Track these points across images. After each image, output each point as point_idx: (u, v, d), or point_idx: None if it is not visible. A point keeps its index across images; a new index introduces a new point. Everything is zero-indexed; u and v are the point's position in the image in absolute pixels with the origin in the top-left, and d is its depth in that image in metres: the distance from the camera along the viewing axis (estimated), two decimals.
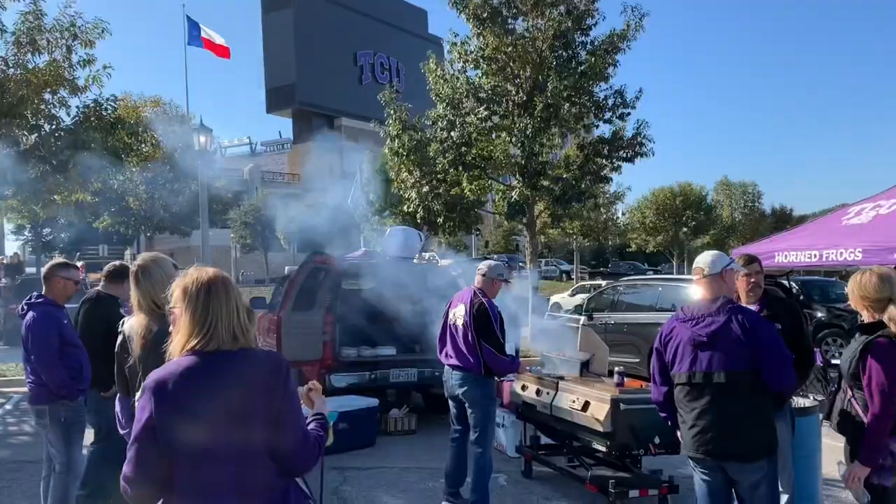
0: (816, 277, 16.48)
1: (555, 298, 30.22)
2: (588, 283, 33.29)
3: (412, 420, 8.15)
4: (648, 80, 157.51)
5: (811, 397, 8.22)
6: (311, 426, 2.45)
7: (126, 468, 2.13)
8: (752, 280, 4.64)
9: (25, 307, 4.61)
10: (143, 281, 3.23)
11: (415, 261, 9.01)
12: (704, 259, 3.88)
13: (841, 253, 7.81)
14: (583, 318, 6.70)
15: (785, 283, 10.93)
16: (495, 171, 16.31)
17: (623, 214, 48.64)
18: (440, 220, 16.17)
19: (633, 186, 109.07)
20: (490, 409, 5.49)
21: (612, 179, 15.66)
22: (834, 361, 8.36)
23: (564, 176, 15.58)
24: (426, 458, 7.09)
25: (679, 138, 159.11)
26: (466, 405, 5.46)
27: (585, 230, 35.95)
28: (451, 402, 5.69)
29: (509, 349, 5.54)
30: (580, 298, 24.39)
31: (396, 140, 15.91)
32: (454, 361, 5.47)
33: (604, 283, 24.31)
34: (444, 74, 15.58)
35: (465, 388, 5.41)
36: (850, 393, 3.65)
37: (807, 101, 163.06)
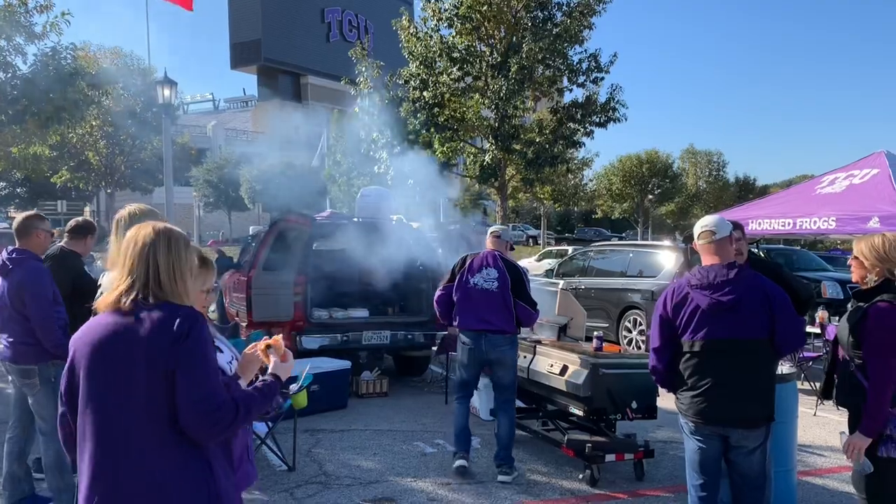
0: (780, 246, 16.68)
1: (522, 263, 30.30)
2: (554, 248, 33.46)
3: (384, 383, 8.07)
4: (620, 44, 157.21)
5: (788, 364, 8.36)
6: (255, 386, 2.30)
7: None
8: (734, 245, 4.59)
9: (8, 263, 4.31)
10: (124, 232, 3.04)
11: (390, 222, 8.85)
12: (712, 221, 3.72)
13: (815, 221, 7.87)
14: (562, 283, 6.61)
15: (755, 250, 11.12)
16: (467, 133, 16.13)
17: (591, 181, 48.80)
18: (410, 181, 15.93)
19: (602, 153, 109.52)
20: (517, 369, 5.54)
21: (584, 144, 15.67)
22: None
23: (537, 140, 15.48)
24: (398, 420, 7.04)
25: (649, 105, 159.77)
26: (498, 367, 5.39)
27: (556, 195, 35.93)
28: (466, 367, 5.49)
29: None
30: (547, 263, 24.49)
31: (367, 99, 15.60)
32: (490, 325, 5.33)
33: (570, 248, 24.38)
34: (416, 32, 15.25)
35: (501, 350, 5.34)
36: (852, 364, 3.58)
37: (774, 72, 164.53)
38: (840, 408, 3.72)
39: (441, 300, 5.58)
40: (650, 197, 45.26)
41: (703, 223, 3.79)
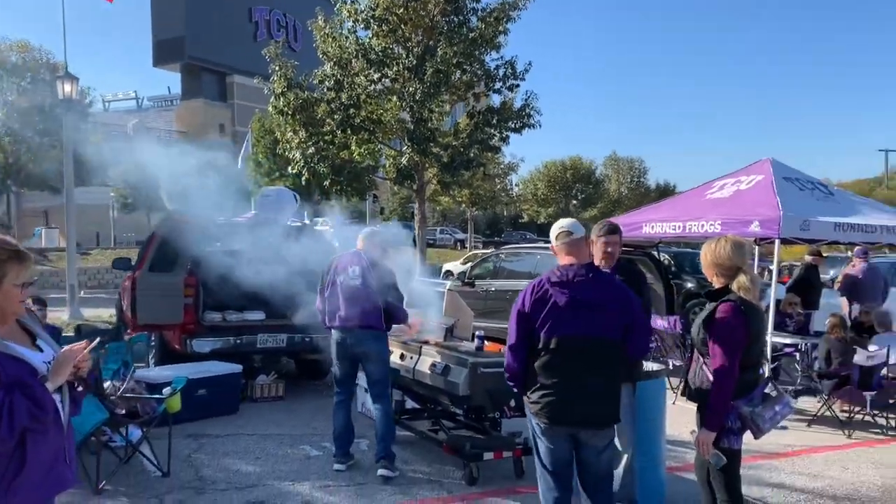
0: (688, 250, 17.22)
1: (447, 266, 30.46)
2: (480, 251, 33.72)
3: (280, 386, 7.94)
4: (547, 50, 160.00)
5: (670, 363, 8.61)
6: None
7: None
8: (609, 249, 4.70)
9: None
10: None
11: (292, 224, 8.73)
12: (569, 223, 3.85)
13: (702, 225, 8.13)
14: (448, 283, 6.65)
15: (654, 253, 11.44)
16: (386, 135, 16.08)
17: (516, 185, 49.46)
18: (326, 183, 15.80)
19: (529, 158, 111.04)
20: (388, 364, 5.62)
21: (500, 149, 15.78)
22: None
23: (454, 143, 15.57)
24: (290, 424, 6.93)
25: (574, 111, 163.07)
26: (365, 362, 5.52)
27: (474, 199, 36.13)
28: (339, 365, 5.62)
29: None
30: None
31: (282, 98, 15.37)
32: (355, 322, 5.44)
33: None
34: (332, 32, 15.13)
35: (368, 346, 5.45)
36: (700, 360, 3.71)
37: (690, 82, 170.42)
38: (690, 402, 3.84)
39: (320, 306, 5.70)
40: (574, 202, 46.20)
41: (561, 225, 3.89)
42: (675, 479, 5.39)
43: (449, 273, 29.31)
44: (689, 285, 15.14)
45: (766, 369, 8.06)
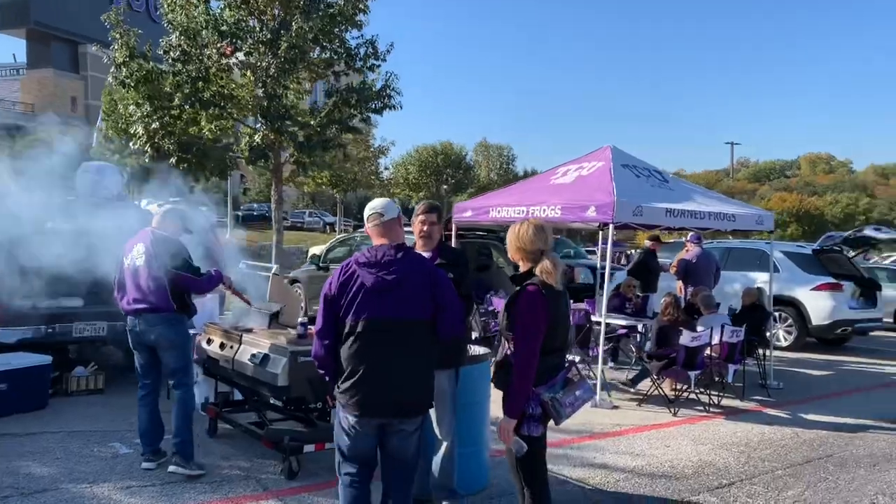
0: None
1: (313, 250, 29.80)
2: (349, 235, 33.21)
3: (100, 378, 7.33)
4: (418, 35, 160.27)
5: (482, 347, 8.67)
6: None
7: None
8: (426, 228, 4.57)
9: None
10: None
11: (117, 202, 8.04)
12: (381, 204, 3.73)
13: (544, 210, 8.21)
14: (274, 268, 6.32)
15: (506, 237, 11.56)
16: (241, 112, 15.34)
17: (387, 169, 49.25)
18: (173, 160, 14.88)
19: (401, 142, 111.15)
20: (187, 350, 5.21)
21: (360, 130, 15.37)
22: None
23: (311, 123, 15.07)
24: (106, 419, 6.40)
25: (448, 96, 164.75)
26: (160, 349, 5.07)
27: (335, 181, 35.34)
28: (137, 354, 5.21)
29: None
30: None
31: (124, 68, 14.29)
32: (140, 305, 5.02)
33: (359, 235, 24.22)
34: (179, 1, 14.21)
35: (157, 331, 5.01)
36: (506, 345, 3.63)
37: (558, 66, 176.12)
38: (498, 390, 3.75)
39: (116, 293, 5.29)
40: (445, 187, 46.55)
41: (372, 206, 3.72)
42: (500, 464, 5.35)
43: (316, 257, 28.70)
44: None
45: (574, 354, 8.31)
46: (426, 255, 4.54)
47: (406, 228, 4.11)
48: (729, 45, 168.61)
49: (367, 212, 3.70)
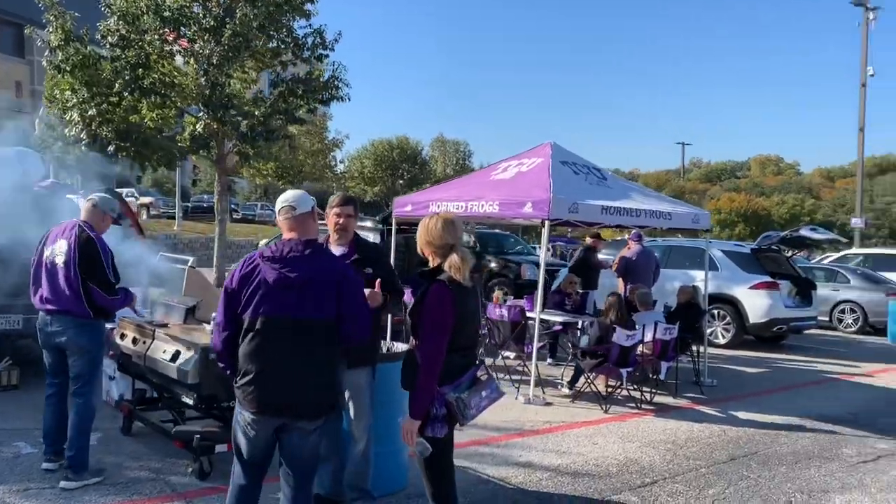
0: (495, 231, 17.61)
1: (263, 242, 29.43)
2: None
3: (14, 374, 7.01)
4: (376, 31, 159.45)
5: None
6: None
7: None
8: (341, 221, 4.42)
9: None
10: None
11: (38, 189, 7.71)
12: (293, 196, 3.52)
13: (483, 205, 8.14)
14: (191, 260, 6.09)
15: (468, 238, 11.44)
16: (183, 100, 14.91)
17: (342, 162, 48.80)
18: (111, 149, 14.41)
19: (356, 136, 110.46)
20: (97, 357, 4.88)
21: (305, 121, 15.05)
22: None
23: (255, 113, 14.73)
24: (14, 417, 6.10)
25: (406, 90, 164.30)
26: (69, 353, 4.78)
27: (281, 172, 34.60)
28: (46, 353, 4.93)
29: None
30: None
31: (59, 52, 13.76)
32: (53, 306, 4.71)
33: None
34: None
35: (68, 335, 4.70)
36: (414, 343, 3.52)
37: (511, 61, 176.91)
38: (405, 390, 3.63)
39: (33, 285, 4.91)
40: (401, 181, 46.28)
41: (285, 198, 3.54)
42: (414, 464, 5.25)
43: None
44: (493, 265, 15.48)
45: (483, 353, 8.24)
46: (341, 249, 4.41)
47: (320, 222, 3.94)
48: (695, 37, 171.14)
49: (278, 204, 3.51)
